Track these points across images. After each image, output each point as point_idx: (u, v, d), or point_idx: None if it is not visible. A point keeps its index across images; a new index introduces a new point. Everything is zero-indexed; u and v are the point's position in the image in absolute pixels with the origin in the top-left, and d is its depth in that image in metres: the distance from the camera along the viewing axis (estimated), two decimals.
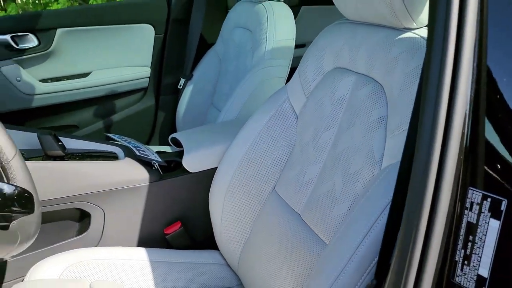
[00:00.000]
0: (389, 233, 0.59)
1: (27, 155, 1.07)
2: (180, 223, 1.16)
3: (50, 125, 1.88)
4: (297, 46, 1.59)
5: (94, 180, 1.05)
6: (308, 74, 0.99)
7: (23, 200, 0.73)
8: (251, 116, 1.09)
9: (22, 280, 0.93)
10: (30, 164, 0.99)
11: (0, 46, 1.69)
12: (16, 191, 0.74)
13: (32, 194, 0.75)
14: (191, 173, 1.15)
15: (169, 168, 1.21)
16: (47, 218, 1.04)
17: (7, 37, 1.68)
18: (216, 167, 1.13)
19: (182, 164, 1.15)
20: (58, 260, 0.97)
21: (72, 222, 1.11)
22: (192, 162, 1.15)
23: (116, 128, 1.95)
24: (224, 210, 1.06)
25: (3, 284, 1.03)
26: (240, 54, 1.64)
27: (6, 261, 1.04)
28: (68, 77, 1.86)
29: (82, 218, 1.11)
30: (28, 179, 0.80)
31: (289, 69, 1.54)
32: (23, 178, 0.79)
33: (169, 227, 1.15)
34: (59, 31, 1.76)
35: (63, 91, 1.84)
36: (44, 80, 1.82)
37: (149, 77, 1.96)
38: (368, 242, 0.64)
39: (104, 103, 1.94)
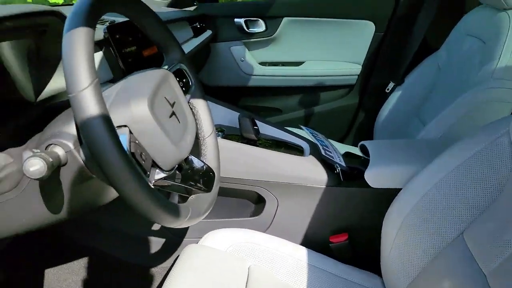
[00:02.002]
0: None
1: (227, 131, 1.18)
2: (347, 235, 1.11)
3: (258, 104, 2.05)
4: None
5: (276, 170, 1.09)
6: None
7: (206, 178, 0.80)
8: (456, 141, 0.94)
9: (197, 242, 1.04)
10: (227, 143, 1.08)
11: (235, 28, 1.90)
12: (203, 168, 0.81)
13: (215, 174, 0.81)
14: (371, 187, 1.08)
15: (351, 175, 1.15)
16: (229, 193, 1.14)
17: (241, 20, 1.88)
18: (400, 189, 1.02)
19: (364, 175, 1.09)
20: (229, 234, 1.05)
21: (249, 203, 1.18)
22: (375, 177, 1.07)
23: (316, 119, 1.99)
24: (397, 238, 0.95)
25: (184, 239, 1.18)
26: (464, 66, 1.43)
27: None
28: (284, 63, 1.97)
29: (258, 202, 1.16)
30: (216, 159, 0.87)
31: None
32: (212, 157, 0.87)
33: (335, 235, 1.11)
34: (285, 19, 1.87)
35: (276, 75, 1.96)
36: (262, 63, 1.97)
37: (358, 75, 1.92)
38: None
39: (310, 93, 1.99)
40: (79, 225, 1.23)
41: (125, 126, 0.63)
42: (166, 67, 0.84)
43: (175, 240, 1.18)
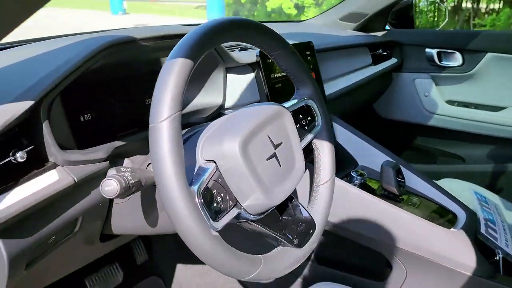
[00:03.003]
0: None
1: (368, 174, 1.05)
2: None
3: (437, 147, 1.79)
4: None
5: (413, 238, 0.90)
6: None
7: (303, 231, 0.71)
8: None
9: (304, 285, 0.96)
10: (362, 193, 0.94)
11: (424, 59, 1.70)
12: (305, 219, 0.72)
13: (315, 231, 0.72)
14: None
15: None
16: (352, 247, 1.01)
17: (434, 51, 1.66)
18: None
19: None
20: None
21: (374, 263, 1.03)
22: None
23: (507, 178, 1.61)
24: None
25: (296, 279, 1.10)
26: None
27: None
28: (477, 106, 1.66)
29: (384, 265, 1.00)
30: (324, 212, 0.77)
31: None
32: (321, 209, 0.77)
33: None
34: (488, 54, 1.57)
35: (466, 118, 1.66)
36: (450, 102, 1.70)
37: None
38: None
39: (506, 146, 1.62)
40: None
41: (213, 161, 0.60)
42: (295, 101, 0.78)
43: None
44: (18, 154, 0.58)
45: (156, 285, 1.36)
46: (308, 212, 0.73)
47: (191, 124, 0.90)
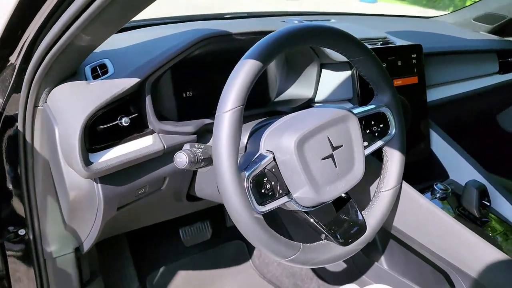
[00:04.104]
0: None
1: (456, 189, 1.00)
2: None
3: None
4: None
5: (479, 266, 0.86)
6: None
7: (352, 231, 0.74)
8: None
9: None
10: (438, 211, 0.90)
11: None
12: (358, 221, 0.76)
13: (365, 233, 0.75)
14: None
15: None
16: (415, 255, 0.99)
17: None
18: None
19: None
20: None
21: (440, 278, 1.00)
22: None
23: None
24: None
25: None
26: None
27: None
28: None
29: (446, 282, 0.96)
30: (379, 218, 0.79)
31: None
32: (376, 215, 0.79)
33: None
34: None
35: None
36: None
37: None
38: None
39: None
40: None
41: (271, 152, 0.67)
42: (370, 106, 0.80)
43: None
44: (123, 119, 0.73)
45: (240, 249, 1.49)
46: (362, 215, 0.76)
47: (279, 112, 0.97)
